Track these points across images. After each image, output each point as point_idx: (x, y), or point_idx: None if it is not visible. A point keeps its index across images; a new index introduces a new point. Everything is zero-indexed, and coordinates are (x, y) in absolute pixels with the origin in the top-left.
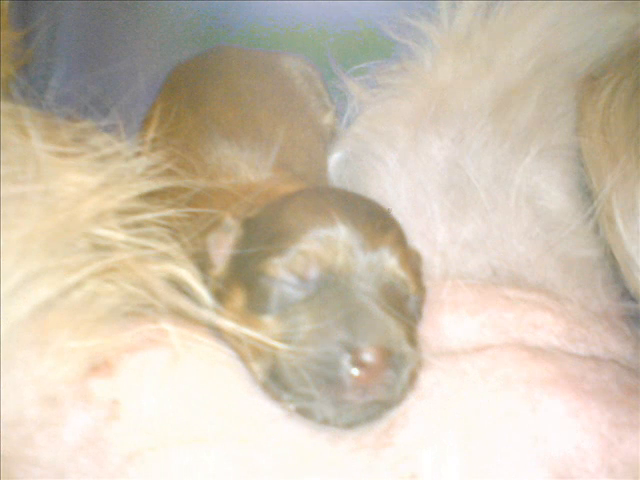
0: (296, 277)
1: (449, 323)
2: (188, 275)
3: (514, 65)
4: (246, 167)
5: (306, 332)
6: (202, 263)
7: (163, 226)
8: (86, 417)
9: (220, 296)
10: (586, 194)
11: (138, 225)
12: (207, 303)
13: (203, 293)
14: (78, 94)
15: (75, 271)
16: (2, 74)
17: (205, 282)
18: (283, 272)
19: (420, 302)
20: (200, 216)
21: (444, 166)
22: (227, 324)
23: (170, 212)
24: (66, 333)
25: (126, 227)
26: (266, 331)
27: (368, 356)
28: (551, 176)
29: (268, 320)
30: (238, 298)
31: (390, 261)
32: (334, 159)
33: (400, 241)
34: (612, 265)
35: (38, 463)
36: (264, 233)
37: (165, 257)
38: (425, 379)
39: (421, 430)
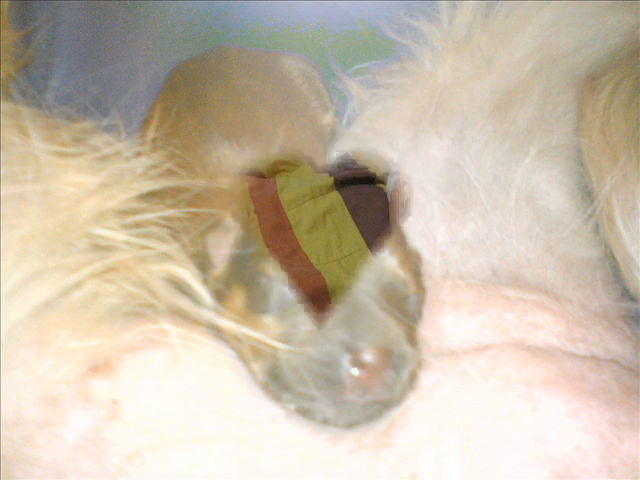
0: None
1: (449, 323)
2: (188, 275)
3: (514, 65)
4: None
5: (306, 332)
6: (202, 263)
7: (163, 226)
8: (86, 417)
9: (220, 296)
10: (586, 194)
11: (138, 225)
12: (207, 303)
13: (203, 293)
14: (78, 94)
15: (75, 271)
16: (2, 74)
17: (205, 282)
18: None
19: (420, 302)
20: (200, 216)
21: (444, 166)
22: (227, 324)
23: (170, 212)
24: (66, 333)
25: (126, 227)
26: (266, 331)
27: (368, 356)
28: (551, 176)
29: (268, 320)
30: (238, 298)
31: (390, 261)
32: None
33: (400, 241)
34: (612, 265)
35: (38, 463)
36: None
37: (165, 257)
38: (425, 379)
39: (421, 430)
